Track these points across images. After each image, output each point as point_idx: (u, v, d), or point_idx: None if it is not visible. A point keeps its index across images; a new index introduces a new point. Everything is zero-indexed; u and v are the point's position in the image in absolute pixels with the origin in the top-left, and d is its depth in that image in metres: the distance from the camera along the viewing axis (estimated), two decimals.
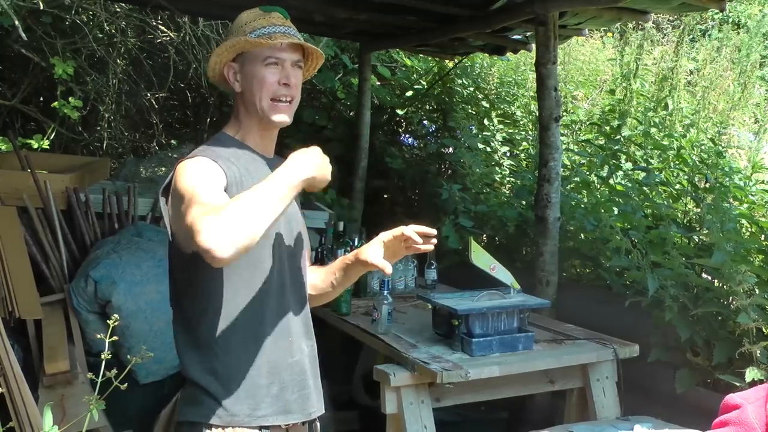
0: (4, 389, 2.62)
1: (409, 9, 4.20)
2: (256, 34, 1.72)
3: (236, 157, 1.74)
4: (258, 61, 1.73)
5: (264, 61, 1.72)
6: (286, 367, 1.75)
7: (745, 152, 4.94)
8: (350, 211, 5.24)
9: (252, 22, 1.75)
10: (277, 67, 1.73)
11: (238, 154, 1.75)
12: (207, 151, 1.71)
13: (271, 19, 1.76)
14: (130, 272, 3.46)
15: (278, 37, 1.72)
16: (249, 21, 1.76)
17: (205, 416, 1.67)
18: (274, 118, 1.75)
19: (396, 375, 2.56)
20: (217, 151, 1.72)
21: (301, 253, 1.86)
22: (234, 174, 1.69)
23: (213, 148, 1.74)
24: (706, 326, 2.88)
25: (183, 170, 1.64)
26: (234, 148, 1.76)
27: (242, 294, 1.70)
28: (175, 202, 1.64)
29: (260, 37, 1.71)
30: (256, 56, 1.73)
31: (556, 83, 3.68)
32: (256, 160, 1.78)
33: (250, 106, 1.76)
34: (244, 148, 1.78)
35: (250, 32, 1.73)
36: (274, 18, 1.76)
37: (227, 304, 1.69)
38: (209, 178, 1.62)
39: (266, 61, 1.72)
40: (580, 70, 6.57)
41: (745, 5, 8.91)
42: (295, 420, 1.76)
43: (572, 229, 4.08)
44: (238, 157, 1.74)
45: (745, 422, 1.03)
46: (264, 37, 1.71)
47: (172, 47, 5.92)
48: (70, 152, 5.70)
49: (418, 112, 6.18)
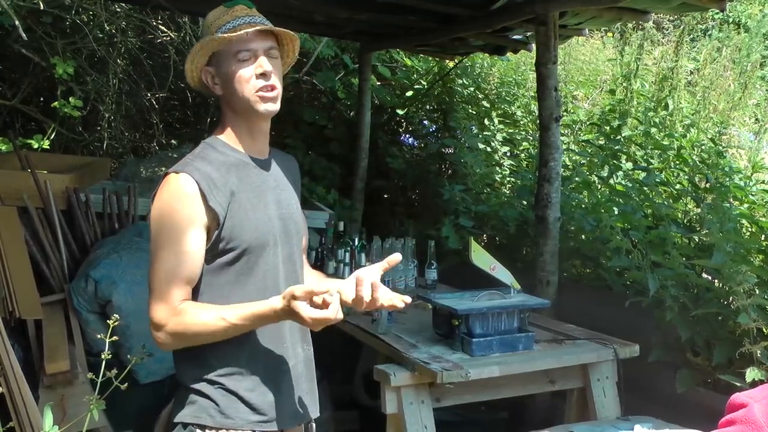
0: (5, 389, 2.62)
1: (410, 9, 4.20)
2: (221, 30, 1.69)
3: (227, 167, 1.71)
4: (231, 58, 1.70)
5: (236, 56, 1.69)
6: (281, 373, 1.75)
7: (745, 152, 4.94)
8: (350, 211, 5.24)
9: (216, 21, 1.72)
10: (250, 60, 1.70)
11: (229, 163, 1.72)
12: (195, 172, 1.66)
13: (234, 12, 1.72)
14: (130, 272, 3.46)
15: (243, 28, 1.68)
16: (214, 20, 1.73)
17: (199, 417, 1.67)
18: (261, 109, 1.72)
19: (396, 375, 2.56)
20: (205, 170, 1.68)
21: (299, 255, 1.85)
22: (221, 189, 1.66)
23: (202, 164, 1.69)
24: (706, 326, 2.88)
25: (157, 203, 1.67)
26: (225, 156, 1.73)
27: (237, 300, 1.68)
28: (150, 233, 1.68)
29: (225, 32, 1.68)
30: (228, 53, 1.70)
31: (556, 83, 3.67)
32: (248, 165, 1.76)
33: (235, 106, 1.74)
34: (235, 152, 1.75)
35: (216, 31, 1.70)
36: (237, 11, 1.73)
37: None
38: (179, 223, 1.63)
39: (238, 56, 1.69)
40: (581, 70, 6.57)
41: (746, 5, 8.91)
42: (290, 425, 1.77)
43: (573, 229, 4.08)
44: (229, 167, 1.71)
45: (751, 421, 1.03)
46: (229, 31, 1.68)
47: (172, 47, 5.91)
48: (70, 152, 5.70)
49: (419, 112, 6.17)
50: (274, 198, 1.78)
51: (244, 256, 1.69)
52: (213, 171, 1.68)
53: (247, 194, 1.72)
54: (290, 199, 1.85)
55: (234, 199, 1.68)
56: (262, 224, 1.72)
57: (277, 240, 1.75)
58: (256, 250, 1.70)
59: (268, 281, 1.73)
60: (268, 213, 1.74)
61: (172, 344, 1.66)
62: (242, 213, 1.69)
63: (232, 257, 1.69)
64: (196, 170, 1.67)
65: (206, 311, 1.61)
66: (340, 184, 5.53)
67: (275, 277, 1.75)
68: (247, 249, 1.69)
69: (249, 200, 1.71)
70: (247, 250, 1.69)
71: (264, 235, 1.72)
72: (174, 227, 1.63)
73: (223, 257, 1.68)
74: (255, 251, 1.70)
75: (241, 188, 1.70)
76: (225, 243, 1.67)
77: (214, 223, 1.66)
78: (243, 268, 1.70)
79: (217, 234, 1.66)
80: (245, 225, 1.69)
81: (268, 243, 1.72)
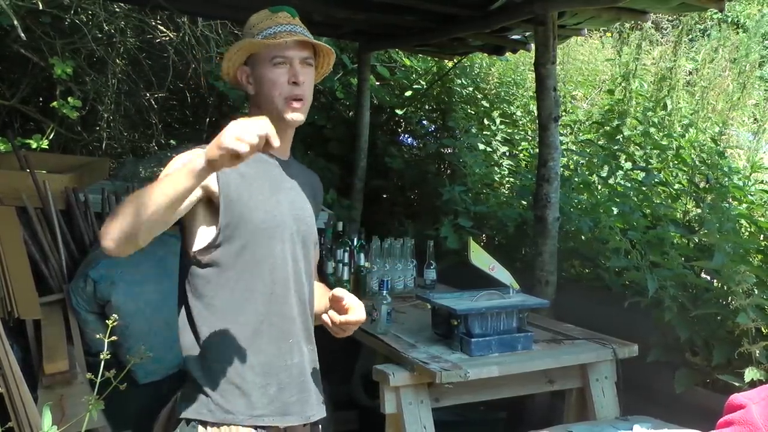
0: (4, 389, 2.62)
1: (408, 9, 4.20)
2: (263, 35, 1.75)
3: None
4: (267, 62, 1.75)
5: (272, 61, 1.74)
6: (285, 369, 1.75)
7: (744, 152, 4.95)
8: (349, 211, 5.24)
9: (259, 24, 1.77)
10: (286, 66, 1.75)
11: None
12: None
13: (277, 19, 1.78)
14: (129, 272, 3.46)
15: (283, 36, 1.73)
16: (257, 23, 1.78)
17: (200, 413, 1.68)
18: (288, 117, 1.76)
19: (395, 375, 2.56)
20: None
21: (307, 258, 1.85)
22: (233, 171, 1.64)
23: None
24: (705, 326, 2.88)
25: (169, 163, 1.68)
26: None
27: (245, 294, 1.70)
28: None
29: (266, 37, 1.74)
30: (265, 57, 1.75)
31: (555, 83, 3.68)
32: (268, 161, 1.79)
33: (264, 108, 1.77)
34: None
35: (257, 34, 1.76)
36: (280, 18, 1.78)
37: (229, 305, 1.70)
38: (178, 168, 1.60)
39: (274, 60, 1.74)
40: (579, 70, 6.58)
41: (744, 5, 8.92)
42: (293, 422, 1.76)
43: (572, 230, 4.08)
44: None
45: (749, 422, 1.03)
46: (269, 37, 1.73)
47: (171, 47, 5.91)
48: (69, 152, 5.69)
49: (418, 112, 6.18)
50: (287, 197, 1.79)
51: (252, 244, 1.69)
52: None
53: (261, 183, 1.73)
54: (304, 204, 1.85)
55: (244, 180, 1.69)
56: (271, 215, 1.73)
57: (286, 237, 1.75)
58: (265, 238, 1.70)
59: (277, 272, 1.73)
60: (280, 208, 1.76)
61: (111, 234, 1.50)
62: (253, 198, 1.70)
63: (238, 246, 1.68)
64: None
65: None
66: (339, 184, 5.53)
67: (285, 272, 1.74)
68: (256, 233, 1.69)
69: (261, 190, 1.73)
70: (255, 235, 1.69)
71: (274, 223, 1.72)
72: (169, 171, 1.60)
73: (232, 244, 1.68)
74: (263, 240, 1.70)
75: (256, 177, 1.72)
76: (232, 226, 1.67)
77: (215, 189, 1.65)
78: (252, 261, 1.69)
79: (221, 209, 1.66)
80: (256, 209, 1.69)
81: (276, 234, 1.72)
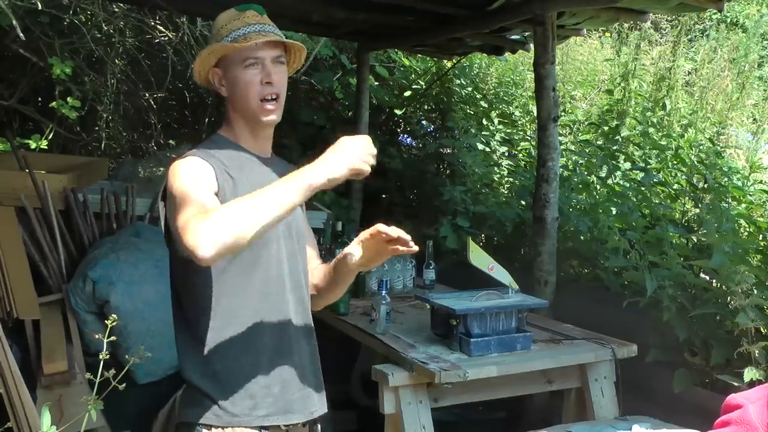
0: (2, 390, 2.61)
1: (407, 9, 4.20)
2: (232, 37, 1.73)
3: (229, 157, 1.74)
4: (238, 64, 1.73)
5: (244, 63, 1.73)
6: (286, 367, 1.75)
7: (743, 152, 4.95)
8: (348, 211, 5.24)
9: (227, 24, 1.75)
10: (258, 66, 1.74)
11: (232, 155, 1.76)
12: (199, 152, 1.72)
13: (245, 18, 1.75)
14: (128, 272, 3.46)
15: (254, 37, 1.72)
16: (225, 24, 1.76)
17: (205, 417, 1.67)
18: (263, 119, 1.76)
19: (394, 375, 2.56)
20: (210, 151, 1.73)
21: (302, 254, 1.85)
22: (225, 173, 1.70)
23: (206, 149, 1.75)
24: (704, 326, 2.88)
25: (175, 172, 1.66)
26: (228, 149, 1.77)
27: (241, 295, 1.70)
28: (169, 204, 1.65)
29: (236, 40, 1.72)
30: (236, 59, 1.74)
31: (554, 83, 3.68)
32: (252, 159, 1.79)
33: (239, 109, 1.78)
34: (238, 149, 1.79)
35: (226, 35, 1.74)
36: (248, 17, 1.76)
37: (227, 305, 1.69)
38: (199, 178, 1.63)
39: (246, 62, 1.73)
40: (579, 70, 6.58)
41: (743, 5, 8.92)
42: (296, 420, 1.75)
43: (571, 230, 4.08)
44: (232, 157, 1.75)
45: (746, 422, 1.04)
46: (240, 39, 1.71)
47: (170, 47, 5.90)
48: (68, 152, 5.69)
49: (417, 112, 6.18)
50: None
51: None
52: (216, 157, 1.72)
53: (250, 184, 1.72)
54: None
55: (234, 183, 1.70)
56: None
57: (279, 234, 1.75)
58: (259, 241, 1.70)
59: (272, 272, 1.73)
60: None
61: (212, 241, 1.44)
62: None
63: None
64: (203, 153, 1.71)
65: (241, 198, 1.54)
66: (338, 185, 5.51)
67: (280, 270, 1.75)
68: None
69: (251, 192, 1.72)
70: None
71: None
72: (193, 178, 1.62)
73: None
74: (258, 242, 1.69)
75: (242, 179, 1.72)
76: None
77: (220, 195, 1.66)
78: (247, 261, 1.69)
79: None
80: None
81: (270, 233, 1.71)
